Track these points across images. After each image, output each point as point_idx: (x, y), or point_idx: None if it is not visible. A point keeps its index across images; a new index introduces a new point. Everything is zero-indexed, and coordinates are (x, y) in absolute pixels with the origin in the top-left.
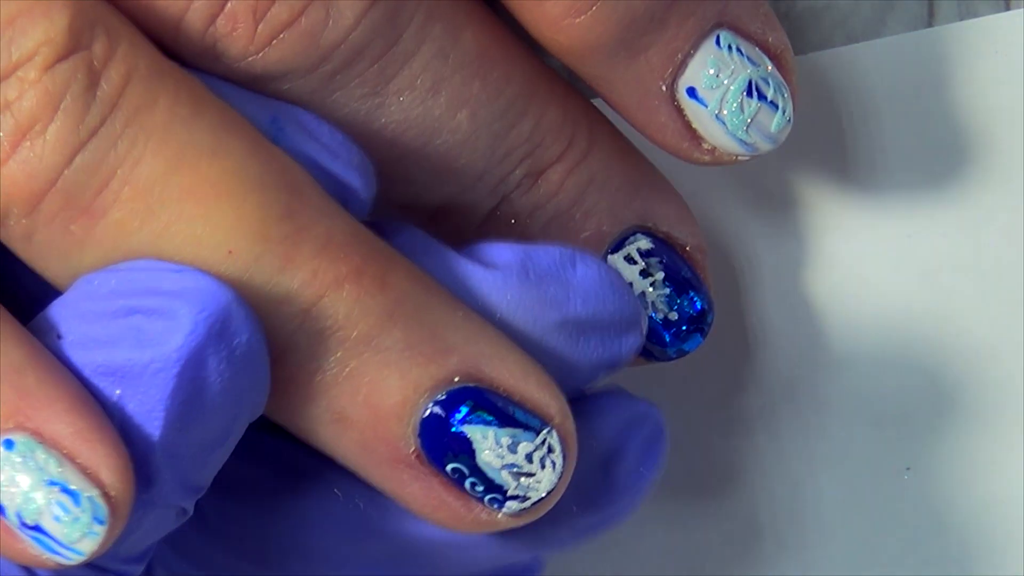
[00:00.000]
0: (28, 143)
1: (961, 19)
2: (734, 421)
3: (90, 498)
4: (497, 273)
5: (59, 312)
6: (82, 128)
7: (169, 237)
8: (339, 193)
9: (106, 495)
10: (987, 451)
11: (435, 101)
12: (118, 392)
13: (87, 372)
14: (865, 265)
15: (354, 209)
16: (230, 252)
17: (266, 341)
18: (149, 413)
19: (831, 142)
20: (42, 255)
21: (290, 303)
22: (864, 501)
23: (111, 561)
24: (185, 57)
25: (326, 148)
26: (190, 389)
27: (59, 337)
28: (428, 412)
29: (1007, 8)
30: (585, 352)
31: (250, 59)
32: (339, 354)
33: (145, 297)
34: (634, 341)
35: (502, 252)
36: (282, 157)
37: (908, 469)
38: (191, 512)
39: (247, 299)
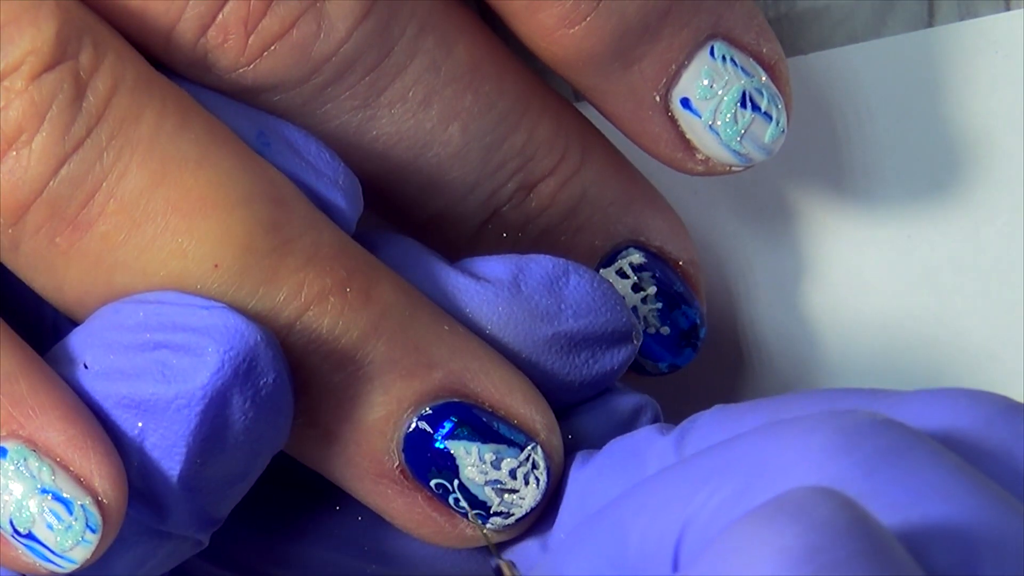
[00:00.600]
0: (14, 153)
1: (961, 19)
2: None
3: (83, 506)
4: (489, 286)
5: (84, 341)
6: (67, 140)
7: (155, 251)
8: (323, 211)
9: (99, 503)
10: None
11: (427, 114)
12: (140, 424)
13: (110, 403)
14: (864, 267)
15: (340, 225)
16: (216, 266)
17: (292, 381)
18: (171, 448)
19: (830, 143)
20: (29, 266)
21: (275, 317)
22: None
23: None
24: (175, 67)
25: (311, 166)
26: (213, 426)
27: (85, 367)
28: (412, 427)
29: (1007, 8)
30: (577, 365)
31: (241, 70)
32: (323, 369)
33: (173, 332)
34: (627, 353)
35: (495, 265)
36: (268, 169)
37: None
38: (207, 543)
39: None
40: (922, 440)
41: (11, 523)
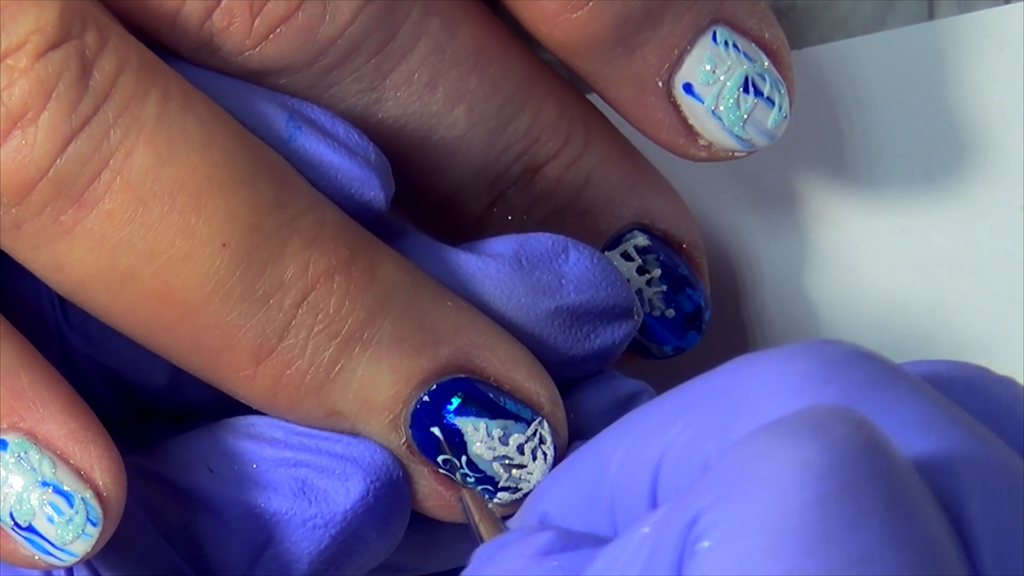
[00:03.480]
0: (20, 132)
1: None
2: None
3: (84, 499)
4: (490, 262)
5: (209, 447)
6: (75, 117)
7: (162, 229)
8: (359, 189)
9: (99, 496)
10: None
11: (432, 96)
12: (263, 535)
13: (234, 510)
14: (861, 261)
15: (375, 203)
16: (224, 245)
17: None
18: (292, 562)
19: (828, 137)
20: (30, 245)
21: (282, 296)
22: None
23: None
24: (182, 51)
25: (343, 145)
26: (340, 549)
27: (210, 471)
28: (419, 404)
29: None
30: (579, 339)
31: (247, 53)
32: (331, 350)
33: (317, 455)
34: (627, 328)
35: (495, 244)
36: (268, 150)
37: None
38: None
39: (240, 295)
40: (904, 374)
41: (11, 516)
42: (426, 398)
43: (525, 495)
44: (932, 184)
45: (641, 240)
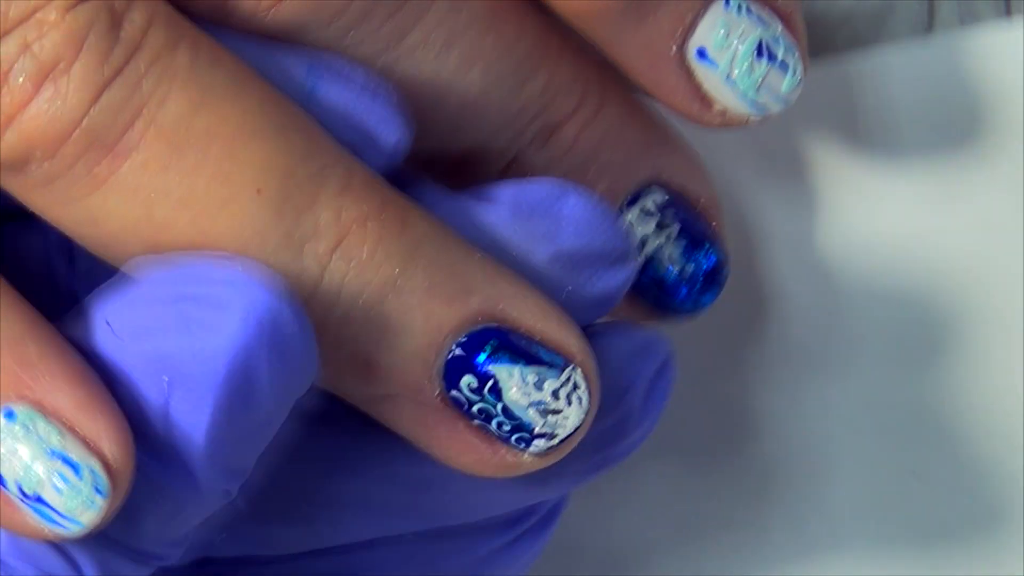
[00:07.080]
0: (51, 84)
1: (961, 20)
2: (740, 391)
3: (91, 469)
4: (490, 206)
5: (106, 300)
6: (106, 67)
7: (197, 176)
8: (383, 131)
9: (107, 466)
10: (992, 454)
11: (448, 56)
12: (166, 379)
13: (136, 360)
14: (860, 258)
15: (399, 146)
16: (259, 191)
17: (314, 329)
18: (198, 401)
19: (835, 148)
20: (61, 200)
21: (316, 243)
22: (867, 506)
23: (151, 544)
24: (196, 13)
25: (366, 89)
26: (239, 379)
27: (108, 324)
28: (452, 354)
29: (1007, 8)
30: (579, 284)
31: (261, 15)
32: (364, 297)
33: (196, 285)
34: (627, 273)
35: (493, 189)
36: (293, 104)
37: (913, 473)
38: (235, 494)
39: (277, 242)
40: None
41: (18, 486)
42: (458, 350)
43: (561, 442)
44: (932, 183)
45: (659, 196)
